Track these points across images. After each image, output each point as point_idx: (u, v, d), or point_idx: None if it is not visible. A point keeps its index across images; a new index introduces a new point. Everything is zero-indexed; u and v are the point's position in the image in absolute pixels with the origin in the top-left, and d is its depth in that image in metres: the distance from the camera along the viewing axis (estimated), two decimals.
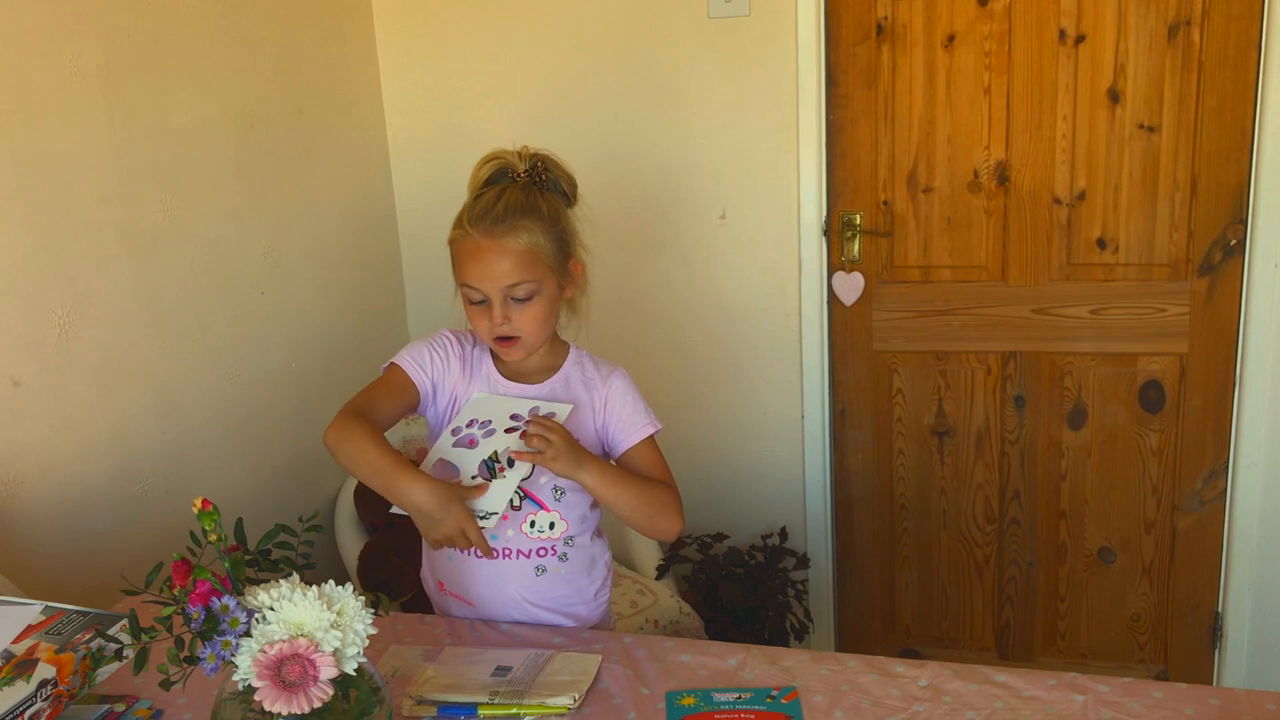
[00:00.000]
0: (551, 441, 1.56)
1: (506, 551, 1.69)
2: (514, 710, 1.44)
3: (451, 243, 1.65)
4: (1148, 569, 2.84)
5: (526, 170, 1.64)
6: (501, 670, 1.54)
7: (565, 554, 1.72)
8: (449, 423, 1.68)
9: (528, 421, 1.60)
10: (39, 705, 1.29)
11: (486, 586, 1.72)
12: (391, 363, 1.72)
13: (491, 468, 1.60)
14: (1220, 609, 2.79)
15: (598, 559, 1.79)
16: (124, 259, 2.13)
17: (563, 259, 1.67)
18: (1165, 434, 2.74)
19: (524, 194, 1.63)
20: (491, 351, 1.74)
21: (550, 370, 1.74)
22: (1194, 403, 2.70)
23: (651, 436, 1.74)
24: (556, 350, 1.76)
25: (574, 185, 1.70)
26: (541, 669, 1.54)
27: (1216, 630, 2.81)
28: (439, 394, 1.73)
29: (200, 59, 2.31)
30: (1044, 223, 2.68)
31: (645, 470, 1.71)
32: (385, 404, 1.68)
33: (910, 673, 1.50)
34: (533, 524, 1.69)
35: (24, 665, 1.31)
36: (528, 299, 1.63)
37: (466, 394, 1.72)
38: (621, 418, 1.72)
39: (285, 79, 2.59)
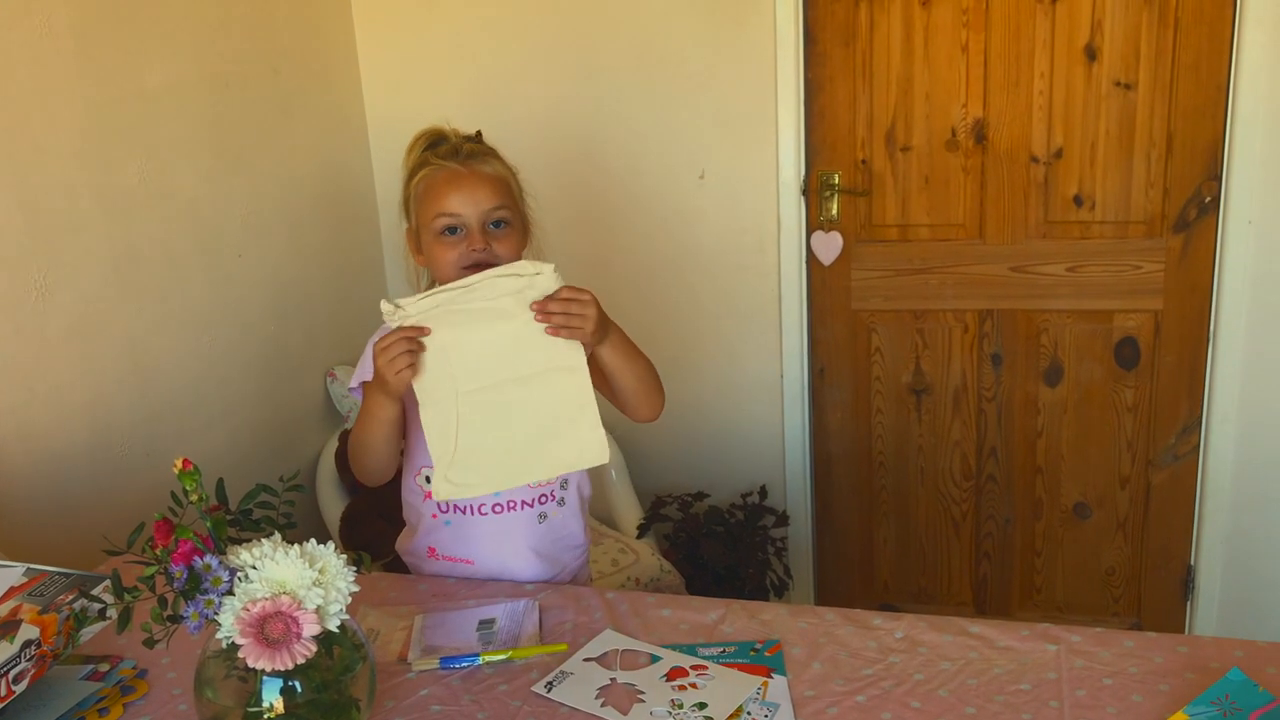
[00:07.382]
0: (586, 315, 1.50)
1: (511, 504, 1.71)
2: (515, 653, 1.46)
3: (419, 180, 1.64)
4: (1122, 524, 2.87)
5: (465, 138, 1.67)
6: (485, 624, 1.55)
7: (563, 498, 1.75)
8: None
9: (549, 299, 1.48)
10: (23, 665, 1.30)
11: (490, 543, 1.72)
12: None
13: None
14: (1193, 562, 2.83)
15: (583, 493, 1.81)
16: (99, 221, 2.12)
17: (523, 203, 1.69)
18: (1140, 390, 2.77)
19: (478, 145, 1.67)
20: None
21: None
22: (1168, 359, 2.72)
23: None
24: None
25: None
26: (524, 618, 1.56)
27: (1189, 582, 2.85)
28: None
29: (172, 17, 2.29)
30: (1021, 181, 2.68)
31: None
32: None
33: (886, 625, 1.51)
34: None
35: (7, 626, 1.32)
36: (504, 225, 1.64)
37: None
38: None
39: (258, 38, 2.56)
